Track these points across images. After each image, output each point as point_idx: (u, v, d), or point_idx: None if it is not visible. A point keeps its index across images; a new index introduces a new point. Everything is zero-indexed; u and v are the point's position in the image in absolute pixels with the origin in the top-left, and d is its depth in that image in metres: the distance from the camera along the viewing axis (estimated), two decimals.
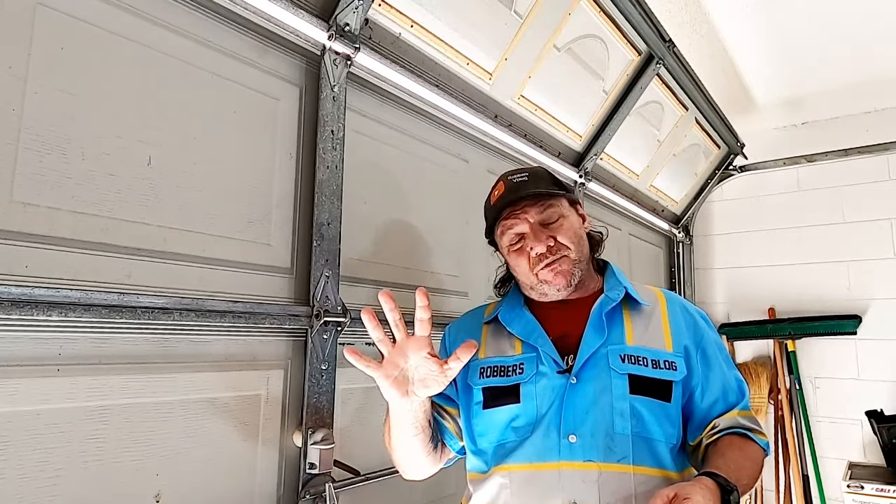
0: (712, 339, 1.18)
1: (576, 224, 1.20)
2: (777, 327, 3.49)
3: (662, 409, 1.07)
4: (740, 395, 1.15)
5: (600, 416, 1.05)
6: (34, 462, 0.96)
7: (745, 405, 1.15)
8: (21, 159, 0.97)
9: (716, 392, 1.13)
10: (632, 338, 1.13)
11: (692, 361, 1.13)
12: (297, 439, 1.36)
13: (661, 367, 1.10)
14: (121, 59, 1.11)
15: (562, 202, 1.20)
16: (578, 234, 1.19)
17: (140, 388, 1.10)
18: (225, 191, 1.28)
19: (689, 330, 1.16)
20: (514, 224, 1.17)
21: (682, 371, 1.11)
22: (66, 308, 0.97)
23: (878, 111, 3.45)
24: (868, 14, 2.54)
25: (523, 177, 1.20)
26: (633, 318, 1.16)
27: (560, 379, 1.08)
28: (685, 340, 1.14)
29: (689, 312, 1.20)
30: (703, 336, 1.17)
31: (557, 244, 1.15)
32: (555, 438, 1.05)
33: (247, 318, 1.25)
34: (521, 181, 1.19)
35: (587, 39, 2.19)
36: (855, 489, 2.89)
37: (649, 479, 1.04)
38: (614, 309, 1.15)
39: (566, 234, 1.16)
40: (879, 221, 3.35)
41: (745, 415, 1.13)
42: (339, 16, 1.44)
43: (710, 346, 1.16)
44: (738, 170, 3.78)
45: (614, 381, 1.07)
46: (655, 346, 1.12)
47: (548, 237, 1.14)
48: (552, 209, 1.17)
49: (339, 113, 1.49)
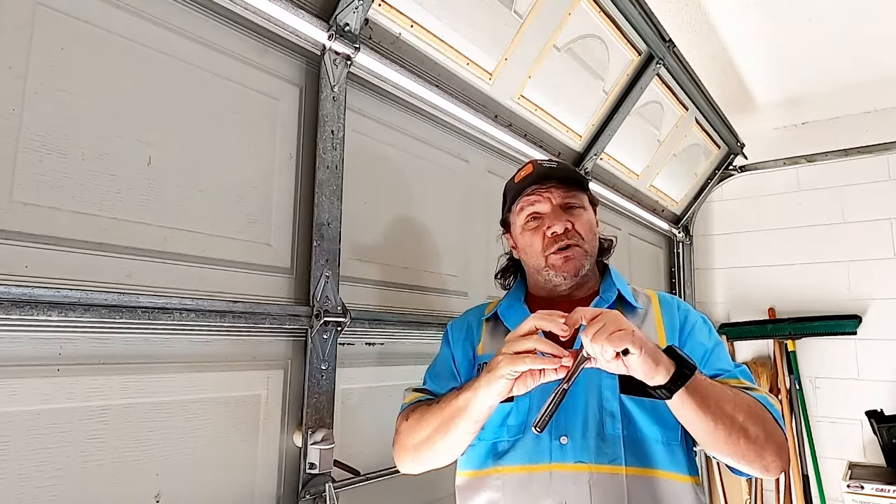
0: (704, 328, 1.17)
1: (592, 220, 1.23)
2: (777, 327, 3.49)
3: (656, 408, 1.05)
4: (729, 368, 1.11)
5: (591, 417, 1.05)
6: (34, 462, 0.96)
7: (731, 374, 1.09)
8: (21, 159, 0.97)
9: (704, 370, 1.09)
10: None
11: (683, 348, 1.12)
12: (297, 439, 1.36)
13: None
14: (121, 59, 1.11)
15: (584, 197, 1.22)
16: (593, 230, 1.22)
17: (140, 388, 1.10)
18: (225, 191, 1.28)
19: (682, 321, 1.16)
20: (537, 201, 1.18)
21: None
22: (66, 308, 0.97)
23: (878, 111, 3.44)
24: (868, 14, 2.54)
25: (553, 164, 1.23)
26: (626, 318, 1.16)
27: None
28: (677, 332, 1.14)
29: (679, 308, 1.20)
30: (695, 325, 1.16)
31: (574, 230, 1.16)
32: (546, 440, 1.05)
33: (247, 318, 1.25)
34: (551, 167, 1.21)
35: (587, 39, 2.19)
36: (855, 489, 2.89)
37: (642, 479, 1.03)
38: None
39: (584, 225, 1.18)
40: (879, 221, 3.35)
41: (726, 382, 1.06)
42: (339, 16, 1.44)
43: (699, 332, 1.15)
44: (738, 170, 3.78)
45: (604, 381, 1.07)
46: None
47: (567, 220, 1.16)
48: (576, 198, 1.19)
49: (339, 113, 1.49)
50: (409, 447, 1.13)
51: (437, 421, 1.06)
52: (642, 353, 0.86)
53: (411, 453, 1.13)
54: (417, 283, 1.77)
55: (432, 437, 1.07)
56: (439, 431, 1.06)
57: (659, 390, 0.90)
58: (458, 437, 1.05)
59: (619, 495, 1.01)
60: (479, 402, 0.99)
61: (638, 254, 3.43)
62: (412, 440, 1.12)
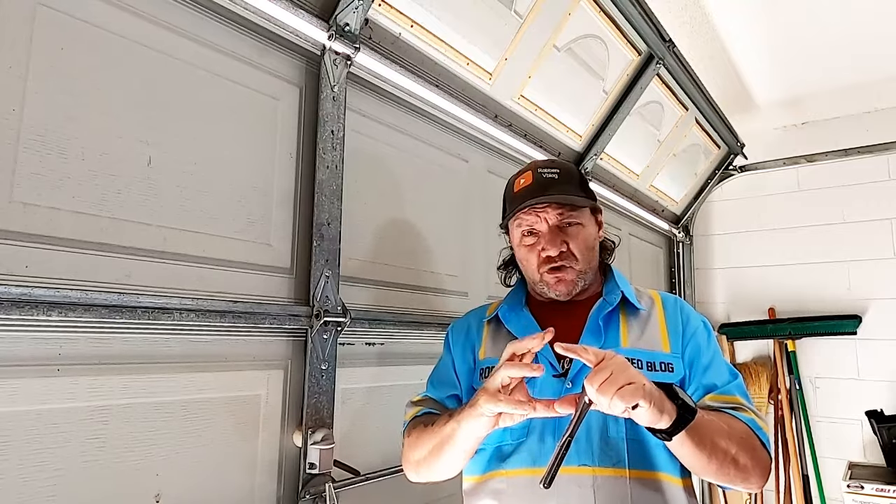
0: (704, 334, 1.16)
1: (591, 235, 1.18)
2: (777, 327, 3.48)
3: None
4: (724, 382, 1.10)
5: (594, 420, 1.04)
6: (34, 462, 0.96)
7: (726, 390, 1.09)
8: (21, 159, 0.97)
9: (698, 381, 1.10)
10: (627, 340, 1.12)
11: (685, 354, 1.12)
12: (297, 439, 1.36)
13: (657, 369, 1.08)
14: (121, 59, 1.11)
15: (584, 211, 1.17)
16: (590, 246, 1.18)
17: (140, 388, 1.10)
18: (225, 191, 1.28)
19: (685, 325, 1.15)
20: (533, 222, 1.15)
21: (679, 371, 1.10)
22: (66, 308, 0.97)
23: (878, 111, 3.44)
24: (868, 14, 2.54)
25: (553, 173, 1.16)
26: (629, 321, 1.16)
27: (556, 383, 1.08)
28: (680, 337, 1.13)
29: (682, 311, 1.19)
30: (696, 330, 1.15)
31: (569, 252, 1.14)
32: (550, 443, 1.05)
33: (247, 318, 1.25)
34: (551, 178, 1.15)
35: (587, 39, 2.19)
36: (855, 489, 2.89)
37: (646, 482, 1.03)
38: (611, 312, 1.15)
39: (579, 245, 1.15)
40: (879, 221, 3.35)
41: (720, 398, 1.07)
42: (339, 16, 1.44)
43: (700, 339, 1.14)
44: (738, 170, 3.78)
45: None
46: (652, 349, 1.11)
47: (562, 242, 1.13)
48: (573, 217, 1.15)
49: (339, 113, 1.49)
50: (412, 463, 1.15)
51: (430, 444, 1.08)
52: (651, 407, 0.85)
53: (415, 468, 1.16)
54: (417, 283, 1.77)
55: (428, 459, 1.10)
56: (433, 455, 1.08)
57: (659, 433, 0.90)
58: (452, 461, 1.08)
59: (623, 498, 1.01)
60: (463, 434, 1.00)
61: (638, 254, 3.43)
62: (413, 457, 1.14)
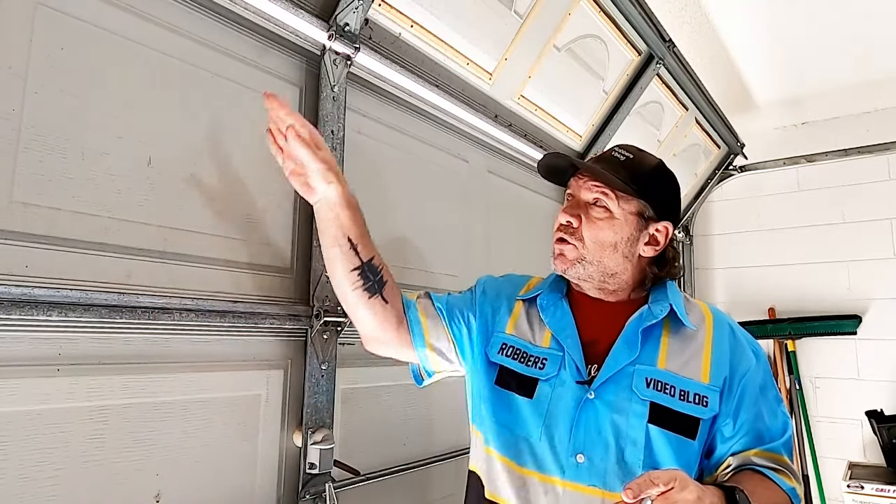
0: (757, 376, 1.05)
1: (614, 231, 1.05)
2: (777, 327, 3.48)
3: (683, 447, 0.98)
4: (771, 438, 1.02)
5: (612, 441, 0.98)
6: (34, 462, 0.96)
7: (774, 447, 1.02)
8: (21, 159, 0.97)
9: (744, 432, 1.01)
10: (664, 361, 1.02)
11: (728, 396, 1.01)
12: (297, 439, 1.36)
13: (689, 400, 0.99)
14: (121, 59, 1.11)
15: (626, 204, 1.05)
16: (604, 240, 1.05)
17: (140, 388, 1.10)
18: (225, 191, 1.28)
19: (734, 361, 1.04)
20: (574, 188, 1.10)
21: (713, 408, 0.99)
22: (66, 308, 0.97)
23: (878, 111, 3.44)
24: (868, 14, 2.54)
25: (622, 155, 1.10)
26: (671, 339, 1.05)
27: (578, 390, 1.01)
28: (726, 372, 1.02)
29: (736, 340, 1.07)
30: (748, 371, 1.04)
31: (578, 231, 1.06)
32: (562, 454, 1.00)
33: (247, 318, 1.25)
34: (616, 158, 1.09)
35: (587, 39, 2.19)
36: (855, 489, 2.89)
37: None
38: (653, 326, 1.05)
39: (593, 230, 1.05)
40: (879, 221, 3.35)
41: (765, 455, 1.00)
42: (339, 16, 1.44)
43: (751, 384, 1.03)
44: (738, 170, 3.78)
45: (633, 406, 0.98)
46: (688, 376, 1.01)
47: (576, 217, 1.06)
48: (606, 201, 1.05)
49: (339, 113, 1.49)
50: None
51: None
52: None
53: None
54: (417, 284, 1.77)
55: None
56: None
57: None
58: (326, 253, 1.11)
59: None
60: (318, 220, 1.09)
61: None
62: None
